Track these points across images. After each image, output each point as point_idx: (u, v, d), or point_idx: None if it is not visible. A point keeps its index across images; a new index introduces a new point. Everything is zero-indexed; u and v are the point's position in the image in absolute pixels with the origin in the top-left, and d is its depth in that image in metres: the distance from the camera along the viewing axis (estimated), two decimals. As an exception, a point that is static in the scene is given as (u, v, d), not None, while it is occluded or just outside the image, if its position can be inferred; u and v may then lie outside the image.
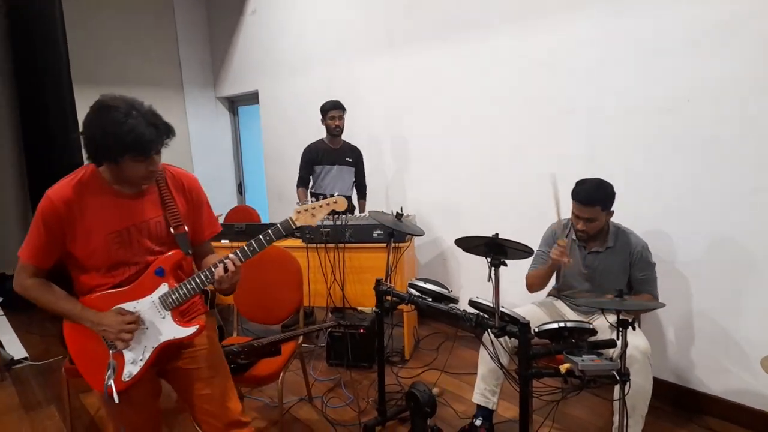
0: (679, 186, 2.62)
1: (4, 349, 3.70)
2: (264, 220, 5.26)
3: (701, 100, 2.50)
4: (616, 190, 2.36)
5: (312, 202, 1.72)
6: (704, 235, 2.57)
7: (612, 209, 2.38)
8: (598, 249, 2.45)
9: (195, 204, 1.76)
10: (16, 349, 3.75)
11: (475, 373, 2.49)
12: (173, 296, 1.64)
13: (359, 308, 3.59)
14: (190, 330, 1.67)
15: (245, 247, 1.65)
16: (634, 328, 1.91)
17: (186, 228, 1.70)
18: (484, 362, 2.43)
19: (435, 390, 2.43)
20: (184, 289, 1.64)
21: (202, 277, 1.64)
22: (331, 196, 1.73)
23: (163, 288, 1.64)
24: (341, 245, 3.35)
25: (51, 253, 1.60)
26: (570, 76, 2.99)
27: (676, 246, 2.66)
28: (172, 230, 1.67)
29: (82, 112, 4.94)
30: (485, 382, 2.43)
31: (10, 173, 5.09)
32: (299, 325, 2.75)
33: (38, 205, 1.57)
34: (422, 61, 3.84)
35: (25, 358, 3.65)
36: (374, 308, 2.54)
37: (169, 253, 1.66)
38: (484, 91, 3.48)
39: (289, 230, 1.68)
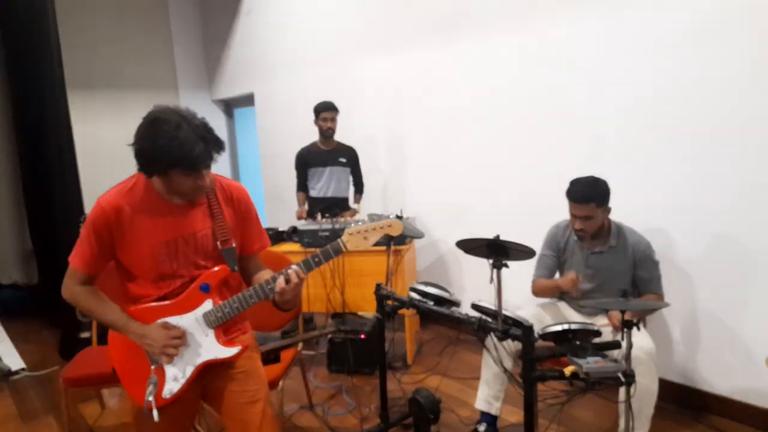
0: (682, 183, 2.59)
1: (1, 359, 3.65)
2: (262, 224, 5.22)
3: (703, 96, 2.48)
4: (618, 188, 2.34)
5: (303, 206, 1.69)
6: (708, 233, 2.54)
7: (609, 206, 2.35)
8: (601, 249, 2.42)
9: (243, 216, 1.73)
10: (14, 360, 3.70)
11: (479, 378, 2.46)
12: (217, 314, 1.61)
13: (360, 313, 3.56)
14: (232, 351, 1.64)
15: (294, 267, 1.61)
16: (638, 329, 1.89)
17: (233, 243, 1.67)
18: (488, 366, 2.40)
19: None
20: (229, 308, 1.61)
21: (257, 289, 1.61)
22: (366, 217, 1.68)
23: (208, 305, 1.61)
24: (340, 249, 3.31)
25: (100, 260, 1.59)
26: (570, 73, 2.97)
27: (680, 244, 2.64)
28: (219, 245, 1.64)
29: (76, 116, 4.89)
30: (489, 387, 2.40)
31: (5, 179, 5.06)
32: (299, 332, 2.72)
33: (90, 212, 1.57)
34: (420, 59, 3.81)
35: (23, 369, 3.61)
36: (375, 313, 2.51)
37: (216, 269, 1.63)
38: (483, 89, 3.45)
39: (338, 252, 1.64)
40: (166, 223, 1.58)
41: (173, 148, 1.42)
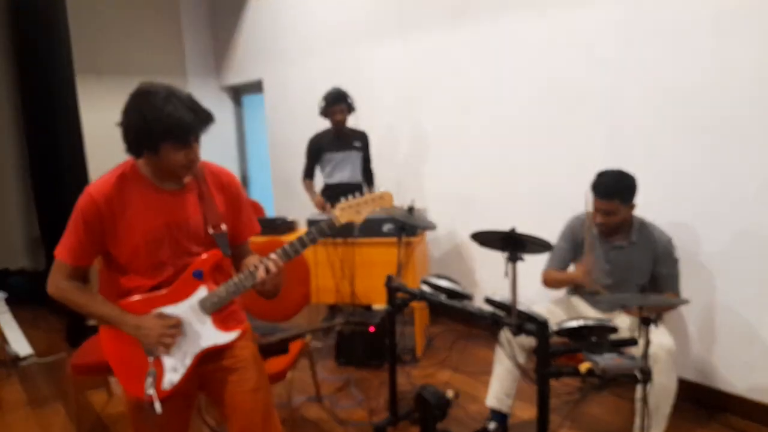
0: (702, 176, 2.52)
1: (9, 345, 3.66)
2: (269, 213, 5.19)
3: (725, 87, 2.39)
4: (637, 179, 2.27)
5: (316, 193, 1.65)
6: (728, 227, 2.47)
7: (633, 203, 2.29)
8: (622, 244, 2.36)
9: (235, 203, 1.70)
10: (22, 346, 3.71)
11: (489, 373, 2.41)
12: (213, 300, 1.58)
13: (372, 305, 3.51)
14: (231, 335, 1.61)
15: (287, 247, 1.58)
16: (656, 326, 1.84)
17: (224, 228, 1.64)
18: (500, 362, 2.35)
19: (449, 393, 2.35)
20: (225, 293, 1.58)
21: (242, 278, 1.58)
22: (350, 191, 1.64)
23: (202, 291, 1.58)
24: (350, 240, 3.27)
25: (90, 252, 1.55)
26: (589, 60, 2.88)
27: (700, 238, 2.56)
28: (210, 230, 1.61)
29: (84, 102, 4.86)
30: (500, 383, 2.35)
31: (12, 165, 5.06)
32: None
33: (77, 202, 1.51)
34: (434, 45, 3.72)
35: (31, 355, 3.62)
36: (386, 305, 2.47)
37: (205, 255, 1.60)
38: (498, 78, 3.37)
39: (333, 228, 1.60)
40: (158, 210, 1.55)
41: (163, 119, 1.41)
